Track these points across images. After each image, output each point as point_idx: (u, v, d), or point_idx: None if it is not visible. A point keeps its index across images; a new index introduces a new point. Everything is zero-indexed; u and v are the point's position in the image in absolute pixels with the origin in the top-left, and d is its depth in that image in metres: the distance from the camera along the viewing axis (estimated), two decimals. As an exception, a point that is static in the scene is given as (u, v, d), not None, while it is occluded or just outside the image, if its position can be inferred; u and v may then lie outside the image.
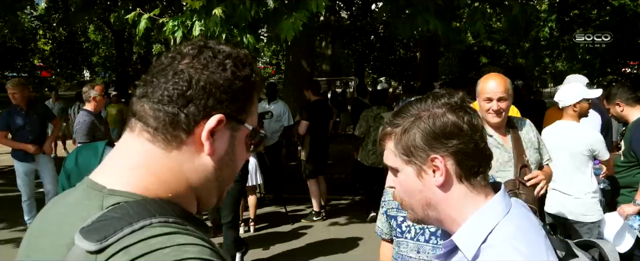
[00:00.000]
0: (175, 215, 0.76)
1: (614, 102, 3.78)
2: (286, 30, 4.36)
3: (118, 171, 0.80)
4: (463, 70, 24.19)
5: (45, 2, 19.70)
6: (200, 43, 0.85)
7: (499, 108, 2.54)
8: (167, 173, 0.81)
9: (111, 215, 0.72)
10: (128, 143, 0.83)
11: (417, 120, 1.00)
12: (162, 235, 0.70)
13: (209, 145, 0.81)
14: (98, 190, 0.78)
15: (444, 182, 0.99)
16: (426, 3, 5.53)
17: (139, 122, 0.81)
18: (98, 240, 0.69)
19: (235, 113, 0.83)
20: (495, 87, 2.56)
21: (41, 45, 26.78)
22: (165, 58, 0.84)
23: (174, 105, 0.79)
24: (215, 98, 0.80)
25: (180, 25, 4.46)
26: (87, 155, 2.12)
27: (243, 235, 5.96)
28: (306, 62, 9.59)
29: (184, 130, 0.80)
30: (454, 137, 0.97)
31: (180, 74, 0.80)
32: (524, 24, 12.11)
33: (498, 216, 0.97)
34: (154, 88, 0.80)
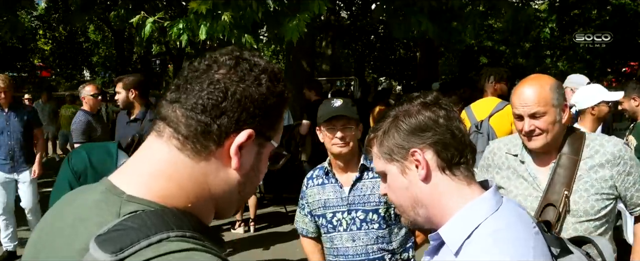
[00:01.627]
0: (192, 228, 0.74)
1: (630, 96, 3.77)
2: (290, 32, 4.38)
3: (140, 176, 0.78)
4: (463, 70, 24.18)
5: (45, 2, 19.69)
6: (237, 53, 0.83)
7: (532, 129, 1.84)
8: (190, 183, 0.79)
9: (128, 224, 0.70)
10: (154, 147, 0.80)
11: (394, 120, 1.04)
12: (179, 251, 0.67)
13: (237, 159, 0.80)
14: (117, 195, 0.76)
15: (426, 174, 1.01)
16: (420, 4, 5.55)
17: (169, 128, 0.79)
18: (113, 251, 0.66)
19: (265, 130, 0.82)
20: (525, 99, 1.85)
21: (41, 45, 26.76)
22: (200, 64, 0.82)
23: (207, 115, 0.77)
24: (249, 112, 0.79)
25: (186, 29, 4.47)
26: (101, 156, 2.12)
27: (243, 235, 5.97)
28: (306, 62, 9.59)
29: (214, 141, 0.78)
30: (429, 130, 1.00)
31: (217, 84, 0.78)
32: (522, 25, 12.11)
33: (486, 212, 0.97)
34: (188, 95, 0.78)
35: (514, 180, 1.99)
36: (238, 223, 6.13)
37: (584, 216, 1.85)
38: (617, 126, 5.14)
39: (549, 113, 1.83)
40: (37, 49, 26.75)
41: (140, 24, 4.61)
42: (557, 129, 1.86)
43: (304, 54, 9.50)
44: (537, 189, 1.91)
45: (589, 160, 1.88)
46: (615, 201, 1.91)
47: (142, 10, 4.78)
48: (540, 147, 1.87)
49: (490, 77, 4.28)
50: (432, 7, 5.74)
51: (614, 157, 1.86)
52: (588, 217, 1.85)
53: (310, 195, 2.21)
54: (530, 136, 1.87)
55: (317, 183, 2.20)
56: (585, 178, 1.86)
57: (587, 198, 1.85)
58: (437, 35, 6.18)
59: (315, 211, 2.19)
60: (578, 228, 1.86)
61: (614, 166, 1.86)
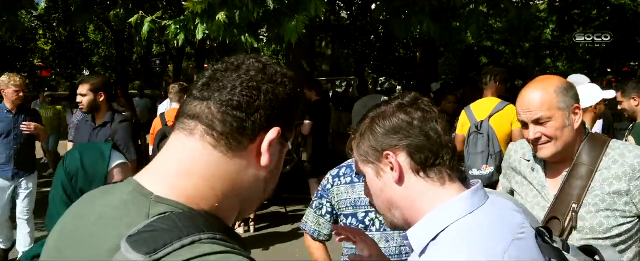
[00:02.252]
0: (220, 230, 0.74)
1: (630, 96, 3.75)
2: (289, 32, 4.38)
3: (168, 177, 0.78)
4: (463, 70, 24.19)
5: (45, 2, 19.70)
6: (260, 59, 0.86)
7: (538, 137, 1.68)
8: (220, 181, 0.80)
9: (159, 225, 0.70)
10: (185, 146, 0.80)
11: (370, 123, 1.04)
12: (215, 253, 0.67)
13: (269, 156, 0.82)
14: (145, 196, 0.76)
15: (399, 176, 1.00)
16: (421, 4, 5.55)
17: (202, 125, 0.79)
18: (147, 252, 0.66)
19: (286, 130, 0.85)
20: (527, 104, 1.69)
21: (41, 45, 26.78)
22: (228, 64, 0.84)
23: (242, 111, 0.79)
24: (277, 111, 0.82)
25: (183, 29, 4.47)
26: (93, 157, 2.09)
27: (243, 235, 5.97)
28: (306, 62, 9.60)
29: (248, 137, 0.80)
30: (402, 132, 1.00)
31: (250, 82, 0.81)
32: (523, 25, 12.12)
33: (459, 214, 0.95)
34: (221, 92, 0.80)
35: (525, 186, 1.89)
36: (238, 223, 6.13)
37: (590, 233, 1.65)
38: (617, 126, 5.14)
39: (555, 118, 1.65)
40: (37, 49, 26.76)
41: (138, 23, 4.61)
42: (567, 135, 1.66)
43: (304, 54, 9.50)
44: (545, 199, 1.75)
45: (606, 171, 1.66)
46: (636, 221, 1.66)
47: (142, 10, 4.78)
48: (550, 156, 1.69)
49: (490, 77, 4.27)
50: (433, 7, 5.73)
51: (634, 170, 1.62)
52: (595, 235, 1.65)
53: (338, 194, 2.08)
54: (537, 144, 1.70)
55: (346, 182, 2.07)
56: (597, 192, 1.65)
57: (595, 213, 1.64)
58: (439, 35, 6.17)
59: (344, 210, 2.07)
60: None
61: (632, 180, 1.62)
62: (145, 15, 4.64)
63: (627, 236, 1.67)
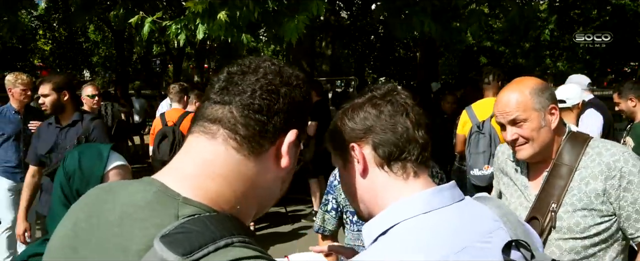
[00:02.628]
0: (247, 233, 0.76)
1: (627, 97, 3.75)
2: (289, 32, 4.39)
3: (193, 178, 0.79)
4: (463, 70, 24.20)
5: (45, 2, 19.70)
6: (275, 61, 0.88)
7: (515, 138, 1.70)
8: (242, 184, 0.81)
9: (191, 227, 0.70)
10: (208, 149, 0.81)
11: (341, 115, 1.05)
12: (247, 258, 0.69)
13: (289, 158, 0.84)
14: (172, 197, 0.76)
15: (363, 169, 1.00)
16: (422, 4, 5.55)
17: (224, 129, 0.81)
18: (184, 253, 0.66)
19: (301, 131, 0.87)
20: (503, 105, 1.71)
21: (41, 45, 26.78)
22: (244, 67, 0.85)
23: (263, 114, 0.81)
24: (295, 114, 0.84)
25: (184, 29, 4.48)
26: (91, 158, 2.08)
27: (243, 235, 5.97)
28: (306, 62, 9.60)
29: (269, 139, 0.82)
30: (368, 125, 1.00)
31: (269, 86, 0.82)
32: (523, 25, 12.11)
33: (414, 211, 0.93)
34: (242, 96, 0.81)
35: (510, 187, 1.91)
36: (238, 223, 6.14)
37: (568, 233, 1.66)
38: (617, 126, 5.13)
39: (531, 119, 1.66)
40: (37, 49, 26.76)
41: (139, 24, 4.61)
42: (544, 135, 1.69)
43: (304, 54, 9.50)
44: (528, 199, 1.77)
45: (584, 170, 1.67)
46: (614, 220, 1.66)
47: (142, 11, 4.79)
48: (528, 157, 1.71)
49: (492, 77, 4.27)
50: (434, 7, 5.73)
51: (610, 169, 1.63)
52: (573, 235, 1.65)
53: None
54: (514, 145, 1.72)
55: None
56: (574, 191, 1.66)
57: (572, 213, 1.65)
58: (440, 34, 6.17)
59: (349, 207, 2.08)
60: (562, 246, 1.68)
61: (608, 179, 1.63)
62: (146, 15, 4.65)
63: (607, 235, 1.66)
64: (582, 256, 1.68)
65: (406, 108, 1.00)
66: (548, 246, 1.70)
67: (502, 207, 1.02)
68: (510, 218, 1.00)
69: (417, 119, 1.00)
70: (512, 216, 1.01)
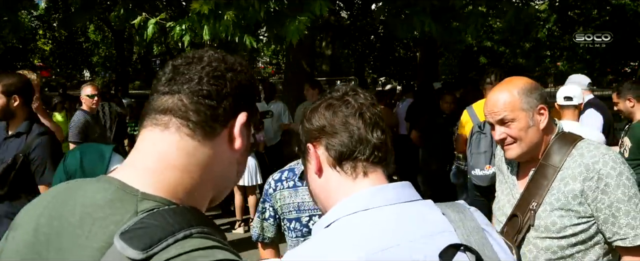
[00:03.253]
0: (206, 223, 0.77)
1: (625, 97, 3.76)
2: (291, 33, 4.40)
3: (151, 172, 0.81)
4: (463, 70, 24.20)
5: (45, 2, 19.70)
6: (217, 50, 0.91)
7: (503, 137, 1.72)
8: (199, 171, 0.83)
9: (150, 221, 0.72)
10: (162, 141, 0.83)
11: (303, 115, 1.08)
12: (202, 248, 0.71)
13: (241, 139, 0.87)
14: (131, 193, 0.77)
15: (318, 169, 1.03)
16: (422, 4, 5.56)
17: (175, 118, 0.82)
18: (143, 248, 0.68)
19: (252, 113, 0.90)
20: (492, 105, 1.74)
21: (41, 45, 26.78)
22: (188, 59, 0.88)
23: (213, 99, 0.83)
24: (243, 96, 0.87)
25: (188, 30, 4.49)
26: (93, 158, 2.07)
27: (243, 235, 5.96)
28: (306, 62, 9.58)
29: (221, 123, 0.84)
30: (321, 126, 1.02)
31: (215, 72, 0.85)
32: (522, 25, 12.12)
33: (355, 207, 0.96)
34: (190, 84, 0.83)
35: (503, 184, 1.95)
36: (238, 223, 6.13)
37: (545, 232, 1.67)
38: (617, 126, 5.14)
39: (519, 118, 1.68)
40: (37, 49, 26.76)
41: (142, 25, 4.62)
42: (532, 135, 1.70)
43: (304, 54, 9.49)
44: (514, 197, 1.80)
45: (565, 170, 1.67)
46: (592, 221, 1.65)
47: (142, 10, 4.79)
48: (516, 156, 1.73)
49: (495, 77, 4.27)
50: (434, 7, 5.75)
51: (588, 170, 1.62)
52: (549, 234, 1.66)
53: (280, 198, 2.09)
54: (503, 145, 1.74)
55: (288, 186, 2.08)
56: (554, 191, 1.67)
57: (549, 212, 1.66)
58: (440, 34, 6.19)
59: (287, 215, 2.08)
60: (539, 245, 1.69)
61: (586, 180, 1.62)
62: (149, 16, 4.65)
63: (585, 237, 1.65)
64: (558, 256, 1.68)
65: (361, 109, 1.02)
66: (525, 244, 1.72)
67: (463, 212, 1.01)
68: (467, 224, 0.98)
69: (373, 120, 1.02)
70: (471, 223, 0.99)
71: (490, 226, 1.04)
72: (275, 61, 33.07)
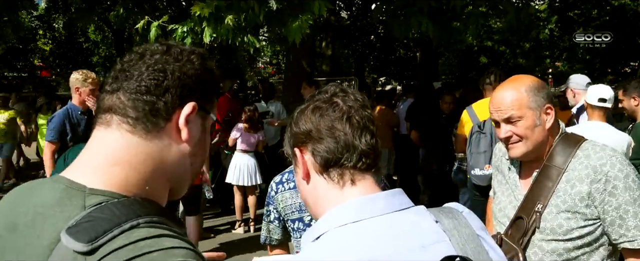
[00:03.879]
0: (156, 213, 0.78)
1: (630, 95, 3.77)
2: (293, 32, 4.41)
3: (97, 169, 0.82)
4: (463, 70, 24.18)
5: (45, 2, 19.69)
6: (165, 43, 0.91)
7: (509, 136, 1.70)
8: (145, 165, 0.84)
9: (97, 215, 0.73)
10: (106, 138, 0.85)
11: (291, 119, 1.05)
12: (149, 237, 0.72)
13: (187, 130, 0.86)
14: (79, 190, 0.78)
15: (305, 174, 1.00)
16: (420, 4, 5.57)
17: (116, 115, 0.84)
18: (88, 240, 0.69)
19: (204, 103, 0.90)
20: (498, 103, 1.71)
21: (41, 45, 26.76)
22: (133, 55, 0.88)
23: (152, 94, 0.84)
24: (188, 87, 0.86)
25: (190, 32, 4.51)
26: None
27: (243, 235, 5.97)
28: (306, 62, 9.58)
29: (163, 117, 0.85)
30: (308, 130, 0.98)
31: (155, 66, 0.85)
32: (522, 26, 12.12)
33: (344, 219, 0.91)
34: (129, 81, 0.84)
35: (503, 185, 1.91)
36: (238, 223, 6.13)
37: (550, 234, 1.65)
38: (618, 126, 5.13)
39: (526, 117, 1.65)
40: (37, 49, 26.75)
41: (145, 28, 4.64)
42: (538, 135, 1.68)
43: (304, 54, 9.48)
44: (516, 198, 1.77)
45: (571, 172, 1.65)
46: (599, 224, 1.65)
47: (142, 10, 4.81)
48: (521, 155, 1.71)
49: (495, 77, 4.27)
50: (431, 7, 5.75)
51: (596, 172, 1.61)
52: (555, 236, 1.65)
53: (283, 200, 2.11)
54: (508, 143, 1.71)
55: (290, 188, 2.10)
56: (560, 193, 1.65)
57: (556, 215, 1.64)
58: (438, 35, 6.19)
59: (290, 215, 2.10)
60: (544, 247, 1.67)
61: (593, 182, 1.61)
62: (151, 19, 4.67)
63: (590, 239, 1.65)
64: (563, 259, 1.67)
65: (349, 112, 0.97)
66: (531, 247, 1.70)
67: (457, 218, 0.98)
68: (462, 232, 0.95)
69: (362, 123, 0.97)
70: (465, 230, 0.96)
71: (484, 231, 1.01)
72: (275, 61, 33.06)
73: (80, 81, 4.15)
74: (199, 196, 5.03)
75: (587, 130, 3.42)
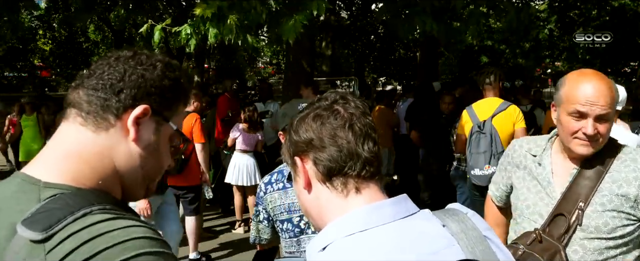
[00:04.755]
0: (111, 203, 0.82)
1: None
2: (287, 31, 4.41)
3: (53, 162, 0.86)
4: (463, 70, 24.18)
5: (45, 2, 19.69)
6: (135, 50, 0.95)
7: (596, 133, 1.62)
8: (96, 160, 0.87)
9: (51, 206, 0.77)
10: (64, 132, 0.89)
11: (290, 126, 1.02)
12: (105, 220, 0.76)
13: (134, 131, 0.89)
14: (33, 184, 0.82)
15: (307, 184, 0.97)
16: (423, 4, 5.57)
17: (74, 109, 0.89)
18: (43, 229, 0.73)
19: (161, 109, 0.92)
20: (596, 97, 1.59)
21: (41, 45, 26.76)
22: (104, 59, 0.92)
23: (106, 91, 0.88)
24: (144, 90, 0.89)
25: (194, 34, 4.52)
26: None
27: (243, 235, 5.97)
28: (306, 62, 9.57)
29: (113, 113, 0.88)
30: (309, 139, 0.96)
31: (115, 66, 0.90)
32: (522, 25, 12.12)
33: (351, 229, 0.89)
34: (90, 78, 0.89)
35: (528, 182, 1.87)
36: (238, 223, 6.13)
37: (594, 232, 1.66)
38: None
39: (610, 117, 1.62)
40: (37, 49, 26.75)
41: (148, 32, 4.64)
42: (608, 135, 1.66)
43: (304, 54, 9.47)
44: (550, 195, 1.76)
45: (616, 173, 1.68)
46: (638, 224, 1.69)
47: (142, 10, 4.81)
48: (590, 153, 1.66)
49: (494, 77, 4.26)
50: (435, 7, 5.75)
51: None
52: (599, 235, 1.66)
53: (271, 201, 2.11)
54: (590, 141, 1.63)
55: (278, 188, 2.11)
56: (605, 192, 1.66)
57: (601, 213, 1.66)
58: (443, 34, 6.20)
59: (279, 216, 2.10)
60: (587, 246, 1.68)
61: None
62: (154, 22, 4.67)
63: (629, 238, 1.70)
64: (604, 257, 1.69)
65: (351, 120, 0.95)
66: (571, 245, 1.71)
67: (463, 221, 0.97)
68: (469, 234, 0.95)
69: (364, 131, 0.95)
70: (473, 233, 0.95)
71: (490, 231, 1.00)
72: (275, 61, 33.06)
73: None
74: (199, 197, 5.03)
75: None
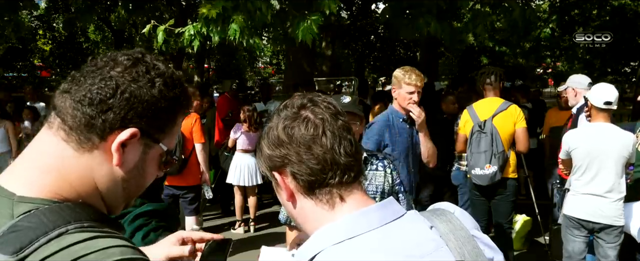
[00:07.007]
0: (90, 218, 0.75)
1: None
2: (303, 33, 4.39)
3: (29, 175, 0.78)
4: (463, 70, 24.17)
5: (45, 2, 19.69)
6: (138, 55, 0.84)
7: None
8: (76, 178, 0.79)
9: (24, 224, 0.70)
10: (44, 141, 0.81)
11: (261, 138, 0.97)
12: (82, 241, 0.69)
13: (118, 156, 0.81)
14: (7, 197, 0.75)
15: (289, 196, 0.94)
16: (427, 5, 5.56)
17: (58, 118, 0.81)
18: (14, 251, 0.67)
19: (152, 131, 0.84)
20: None
21: (41, 45, 26.75)
22: (99, 61, 0.83)
23: (93, 108, 0.79)
24: (136, 112, 0.80)
25: (198, 35, 4.51)
26: None
27: (243, 235, 5.97)
28: (306, 62, 9.58)
29: (97, 134, 0.79)
30: (283, 154, 0.91)
31: (108, 80, 0.80)
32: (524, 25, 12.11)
33: (338, 237, 0.87)
34: (79, 87, 0.80)
35: None
36: (238, 223, 6.13)
37: None
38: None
39: None
40: (37, 49, 26.74)
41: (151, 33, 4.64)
42: None
43: (304, 54, 9.49)
44: None
45: None
46: None
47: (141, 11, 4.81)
48: None
49: (495, 77, 4.26)
50: (439, 8, 5.75)
51: None
52: None
53: None
54: None
55: None
56: None
57: None
58: (447, 35, 6.20)
59: None
60: None
61: None
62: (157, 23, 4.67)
63: None
64: None
65: (323, 126, 0.91)
66: None
67: (451, 221, 0.95)
68: (458, 234, 0.93)
69: (338, 134, 0.91)
70: (461, 233, 0.94)
71: (478, 231, 1.00)
72: (275, 61, 33.04)
73: None
74: (199, 197, 5.03)
75: (596, 131, 3.43)
